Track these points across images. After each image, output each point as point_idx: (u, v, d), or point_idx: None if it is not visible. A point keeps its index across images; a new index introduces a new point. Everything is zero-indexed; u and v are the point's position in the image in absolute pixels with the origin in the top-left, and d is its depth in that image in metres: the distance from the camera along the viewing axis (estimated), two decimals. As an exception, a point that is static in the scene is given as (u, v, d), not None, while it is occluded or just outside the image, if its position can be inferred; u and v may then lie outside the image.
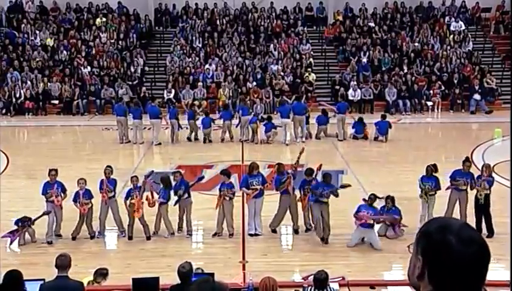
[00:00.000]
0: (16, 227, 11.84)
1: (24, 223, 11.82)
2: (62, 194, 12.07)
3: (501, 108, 26.03)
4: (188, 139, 20.97)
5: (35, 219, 11.90)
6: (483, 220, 11.94)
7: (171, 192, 12.33)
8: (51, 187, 12.01)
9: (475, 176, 12.31)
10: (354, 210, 11.74)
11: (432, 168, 12.31)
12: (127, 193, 12.28)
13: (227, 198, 12.11)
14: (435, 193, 12.23)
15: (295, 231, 12.46)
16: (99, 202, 12.25)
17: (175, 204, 12.30)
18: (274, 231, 12.46)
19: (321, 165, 13.04)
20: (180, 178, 12.52)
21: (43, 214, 11.90)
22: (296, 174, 12.67)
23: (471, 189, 12.17)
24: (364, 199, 12.15)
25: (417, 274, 2.00)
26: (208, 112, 22.48)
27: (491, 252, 1.96)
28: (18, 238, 11.84)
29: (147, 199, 12.15)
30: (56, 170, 12.22)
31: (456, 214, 11.96)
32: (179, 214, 12.34)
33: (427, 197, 12.17)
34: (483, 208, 11.97)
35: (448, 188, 12.31)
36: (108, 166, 12.48)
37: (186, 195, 12.29)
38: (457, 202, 12.23)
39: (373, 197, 11.96)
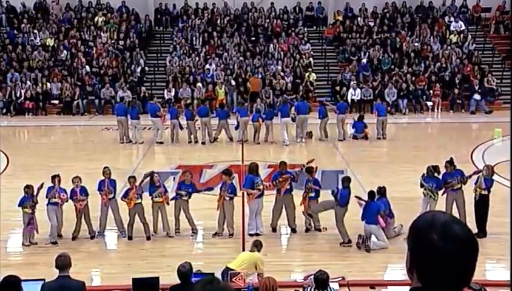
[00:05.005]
0: (22, 213, 11.81)
1: (29, 201, 11.79)
2: (65, 198, 12.09)
3: (501, 108, 26.04)
4: (189, 142, 20.92)
5: (36, 195, 11.86)
6: (480, 219, 11.93)
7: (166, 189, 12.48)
8: (53, 189, 12.01)
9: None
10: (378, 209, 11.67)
11: (432, 170, 12.29)
12: (125, 192, 12.32)
13: (227, 198, 12.12)
14: (438, 194, 12.20)
15: (293, 230, 12.51)
16: (99, 203, 12.26)
17: (172, 199, 12.34)
18: (274, 230, 12.50)
19: (316, 167, 13.02)
20: (190, 180, 12.61)
21: (39, 189, 11.89)
22: (298, 177, 12.65)
23: (464, 184, 12.20)
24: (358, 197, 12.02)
25: (407, 267, 2.09)
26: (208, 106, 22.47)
27: (478, 248, 2.00)
28: (23, 238, 11.85)
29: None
30: (59, 176, 12.19)
31: (456, 214, 11.95)
32: (175, 214, 12.32)
33: (434, 195, 12.12)
34: (477, 207, 11.96)
35: (444, 193, 12.29)
36: (106, 167, 12.53)
37: (186, 197, 12.32)
38: (454, 202, 12.22)
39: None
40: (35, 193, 11.87)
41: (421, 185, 12.27)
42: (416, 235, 2.05)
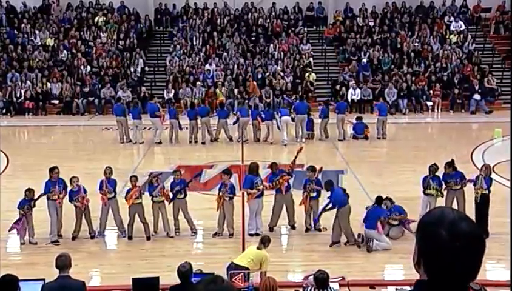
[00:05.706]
0: (19, 215, 11.81)
1: (27, 204, 11.81)
2: (64, 192, 12.10)
3: (501, 108, 26.04)
4: (190, 142, 20.92)
5: (35, 200, 11.91)
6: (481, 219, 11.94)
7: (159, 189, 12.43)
8: (54, 185, 12.02)
9: (475, 175, 12.35)
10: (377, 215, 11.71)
11: (436, 168, 12.39)
12: (127, 192, 12.32)
13: (227, 198, 12.12)
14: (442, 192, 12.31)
15: (292, 226, 12.56)
16: (99, 203, 12.25)
17: (170, 202, 12.32)
18: (271, 229, 12.49)
19: (321, 168, 13.01)
20: (180, 177, 12.59)
21: (40, 196, 11.93)
22: (293, 173, 12.75)
23: (464, 186, 12.28)
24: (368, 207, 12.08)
25: (415, 261, 2.13)
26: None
27: (485, 245, 2.04)
28: (19, 236, 11.84)
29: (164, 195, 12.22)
30: (57, 168, 12.24)
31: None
32: (174, 214, 12.33)
33: (441, 193, 12.25)
34: (478, 208, 11.97)
35: (445, 189, 12.39)
36: (108, 166, 12.53)
37: (182, 195, 12.31)
38: (455, 200, 12.27)
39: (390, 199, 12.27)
40: (35, 197, 11.88)
41: (427, 187, 12.28)
42: (424, 230, 2.10)
